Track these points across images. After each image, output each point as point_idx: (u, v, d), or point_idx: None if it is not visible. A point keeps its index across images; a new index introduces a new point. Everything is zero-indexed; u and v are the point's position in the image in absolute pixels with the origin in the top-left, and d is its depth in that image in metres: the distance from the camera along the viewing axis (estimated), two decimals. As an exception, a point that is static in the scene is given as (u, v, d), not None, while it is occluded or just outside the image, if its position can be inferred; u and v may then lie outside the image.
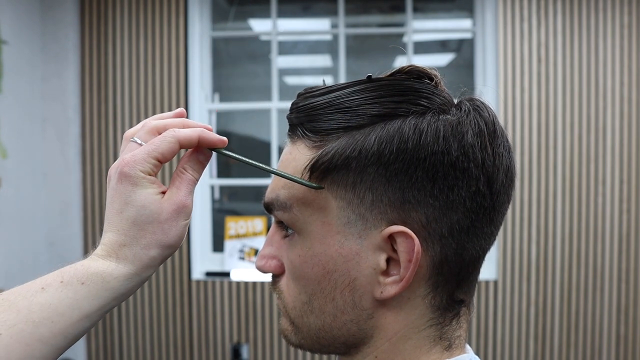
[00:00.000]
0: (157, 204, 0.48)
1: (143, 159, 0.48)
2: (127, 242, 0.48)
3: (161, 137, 0.49)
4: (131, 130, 0.52)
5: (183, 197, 0.50)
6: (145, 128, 0.51)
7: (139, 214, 0.48)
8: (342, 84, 0.50)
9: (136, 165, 0.48)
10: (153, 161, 0.48)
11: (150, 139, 0.50)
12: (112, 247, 0.48)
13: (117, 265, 0.48)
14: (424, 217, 0.46)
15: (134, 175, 0.48)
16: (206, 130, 0.51)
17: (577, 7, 2.47)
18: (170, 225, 0.49)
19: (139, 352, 2.60)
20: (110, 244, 0.48)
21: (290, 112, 0.52)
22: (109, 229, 0.49)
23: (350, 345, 0.50)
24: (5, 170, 2.26)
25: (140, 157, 0.48)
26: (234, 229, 2.69)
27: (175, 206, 0.49)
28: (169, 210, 0.49)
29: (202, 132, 0.51)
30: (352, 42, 2.81)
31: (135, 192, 0.48)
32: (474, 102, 0.50)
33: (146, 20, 2.58)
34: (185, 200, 0.50)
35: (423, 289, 0.48)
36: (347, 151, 0.46)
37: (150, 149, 0.48)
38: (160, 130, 0.51)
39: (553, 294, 2.49)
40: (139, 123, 0.53)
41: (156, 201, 0.48)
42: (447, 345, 0.50)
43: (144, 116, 2.58)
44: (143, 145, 0.49)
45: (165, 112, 0.55)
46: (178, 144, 0.49)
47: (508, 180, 0.49)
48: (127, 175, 0.48)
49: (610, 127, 2.46)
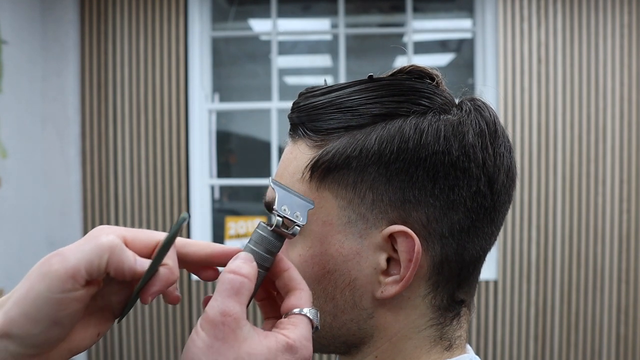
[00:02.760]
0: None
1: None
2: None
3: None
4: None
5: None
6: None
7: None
8: (343, 83, 0.50)
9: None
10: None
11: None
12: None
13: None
14: (424, 217, 0.46)
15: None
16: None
17: (577, 7, 2.47)
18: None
19: (139, 352, 2.60)
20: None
21: (291, 112, 0.52)
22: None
23: (351, 344, 0.50)
24: (5, 170, 2.26)
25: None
26: (234, 229, 2.68)
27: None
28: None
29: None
30: (352, 42, 2.81)
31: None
32: (475, 102, 0.50)
33: (146, 20, 2.58)
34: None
35: (423, 289, 0.48)
36: (347, 150, 0.46)
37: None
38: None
39: (553, 294, 2.49)
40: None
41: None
42: (448, 345, 0.50)
43: (144, 116, 2.58)
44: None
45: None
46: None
47: (509, 181, 0.49)
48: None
49: (610, 127, 2.46)
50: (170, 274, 0.41)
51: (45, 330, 0.38)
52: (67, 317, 0.38)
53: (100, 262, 0.38)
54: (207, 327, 0.39)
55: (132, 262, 0.39)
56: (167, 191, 2.58)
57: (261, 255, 0.43)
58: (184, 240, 0.44)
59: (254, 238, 0.44)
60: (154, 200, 2.59)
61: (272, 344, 0.40)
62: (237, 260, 0.42)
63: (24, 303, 0.37)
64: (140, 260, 0.40)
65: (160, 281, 0.41)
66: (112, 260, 0.38)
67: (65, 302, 0.37)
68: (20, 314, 0.37)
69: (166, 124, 2.57)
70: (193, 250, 0.44)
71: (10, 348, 0.38)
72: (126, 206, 2.59)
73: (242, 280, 0.40)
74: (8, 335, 0.38)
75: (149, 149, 2.58)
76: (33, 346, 0.38)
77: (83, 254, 0.38)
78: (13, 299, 0.38)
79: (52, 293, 0.37)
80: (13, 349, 0.38)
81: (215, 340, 0.39)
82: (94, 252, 0.38)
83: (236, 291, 0.40)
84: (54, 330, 0.38)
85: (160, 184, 2.59)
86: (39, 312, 0.37)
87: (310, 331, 0.43)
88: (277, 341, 0.40)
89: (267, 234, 0.44)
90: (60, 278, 0.37)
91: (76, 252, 0.38)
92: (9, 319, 0.38)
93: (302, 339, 0.41)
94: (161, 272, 0.41)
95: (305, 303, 0.43)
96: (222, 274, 0.41)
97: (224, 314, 0.39)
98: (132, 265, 0.39)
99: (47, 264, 0.38)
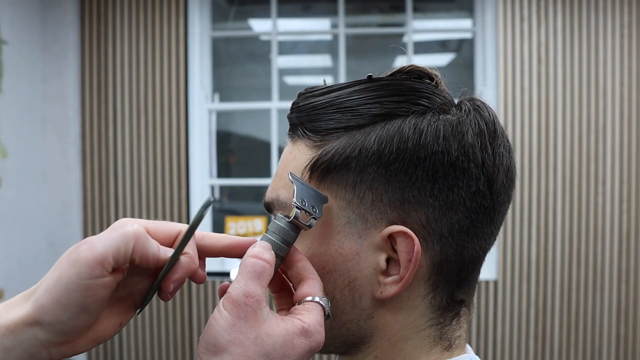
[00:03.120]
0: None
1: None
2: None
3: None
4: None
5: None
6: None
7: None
8: (343, 83, 0.50)
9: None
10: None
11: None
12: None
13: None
14: (424, 217, 0.46)
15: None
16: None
17: (577, 7, 2.47)
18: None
19: (139, 352, 2.60)
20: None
21: (290, 112, 0.52)
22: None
23: (350, 344, 0.50)
24: (5, 170, 2.26)
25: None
26: (234, 229, 2.69)
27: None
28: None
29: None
30: (352, 42, 2.81)
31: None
32: (474, 102, 0.50)
33: (146, 20, 2.58)
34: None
35: (423, 289, 0.48)
36: (347, 151, 0.46)
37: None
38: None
39: (553, 294, 2.49)
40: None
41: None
42: (447, 345, 0.50)
43: (144, 116, 2.58)
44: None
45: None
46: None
47: (508, 181, 0.49)
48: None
49: (610, 127, 2.46)
50: (191, 262, 0.44)
51: (74, 316, 0.39)
52: (95, 304, 0.40)
53: (126, 249, 0.40)
54: (230, 306, 0.41)
55: (155, 250, 0.42)
56: (167, 191, 2.58)
57: (278, 245, 0.45)
58: (202, 233, 0.46)
59: (272, 228, 0.46)
60: (154, 200, 2.59)
61: (289, 326, 0.42)
62: (257, 247, 0.44)
63: (54, 290, 0.39)
64: (163, 249, 0.43)
65: (182, 269, 0.43)
66: (137, 247, 0.40)
67: (94, 288, 0.39)
68: (51, 300, 0.39)
69: (166, 124, 2.57)
70: (211, 242, 0.46)
71: (40, 335, 0.39)
72: (126, 206, 2.59)
73: (264, 264, 0.43)
74: (38, 323, 0.39)
75: (149, 149, 2.58)
76: (62, 333, 0.40)
77: (110, 242, 0.40)
78: (43, 286, 0.40)
79: (82, 279, 0.39)
80: (42, 336, 0.39)
81: (237, 319, 0.40)
82: (121, 239, 0.40)
83: (258, 274, 0.42)
84: (82, 317, 0.40)
85: (160, 184, 2.59)
86: (69, 299, 0.39)
87: (323, 318, 0.44)
88: (293, 325, 0.42)
89: (284, 225, 0.46)
90: (89, 265, 0.39)
91: (104, 240, 0.40)
92: (39, 306, 0.39)
93: (316, 324, 0.43)
94: (182, 260, 0.43)
95: (318, 291, 0.45)
96: (244, 258, 0.43)
97: (246, 295, 0.41)
98: (156, 253, 0.42)
99: (76, 252, 0.39)
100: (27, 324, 0.39)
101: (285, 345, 0.41)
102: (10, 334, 0.39)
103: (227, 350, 0.40)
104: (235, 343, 0.40)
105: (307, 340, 0.42)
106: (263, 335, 0.41)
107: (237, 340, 0.40)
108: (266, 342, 0.41)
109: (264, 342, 0.41)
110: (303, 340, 0.42)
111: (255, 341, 0.40)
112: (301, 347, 0.42)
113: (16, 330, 0.39)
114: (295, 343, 0.41)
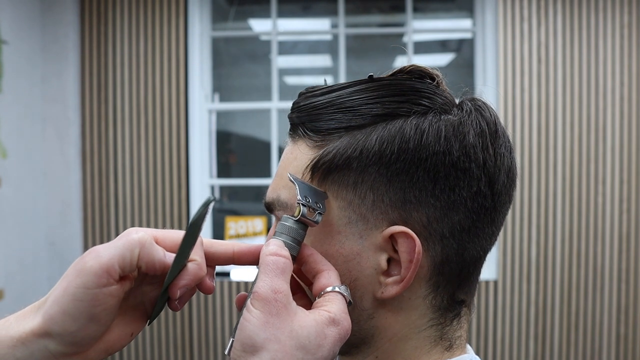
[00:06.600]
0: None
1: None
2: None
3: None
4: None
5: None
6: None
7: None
8: (344, 83, 0.50)
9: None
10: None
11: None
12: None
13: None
14: (425, 218, 0.46)
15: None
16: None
17: (577, 7, 2.47)
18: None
19: (139, 352, 2.60)
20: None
21: (291, 112, 0.51)
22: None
23: (351, 344, 0.50)
24: (5, 170, 2.26)
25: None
26: (234, 229, 2.68)
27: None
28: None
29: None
30: (352, 42, 2.81)
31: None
32: (475, 102, 0.49)
33: (146, 20, 2.58)
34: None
35: (424, 289, 0.48)
36: (348, 151, 0.46)
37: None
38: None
39: (553, 294, 2.49)
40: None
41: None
42: (448, 345, 0.50)
43: (144, 116, 2.58)
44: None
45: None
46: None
47: (509, 181, 0.49)
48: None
49: (610, 127, 2.46)
50: (199, 269, 0.43)
51: (83, 326, 0.39)
52: (103, 313, 0.39)
53: (132, 256, 0.40)
54: (260, 304, 0.41)
55: (161, 256, 0.42)
56: (167, 191, 2.58)
57: (290, 245, 0.46)
58: (210, 241, 0.47)
59: (279, 229, 0.46)
60: (154, 200, 2.59)
61: (317, 317, 0.42)
62: (271, 245, 0.44)
63: (62, 300, 0.39)
64: (170, 255, 0.42)
65: (189, 275, 0.43)
66: (142, 254, 0.41)
67: (101, 297, 0.39)
68: (59, 311, 0.39)
69: (166, 124, 2.57)
70: (220, 250, 0.47)
71: (51, 347, 0.39)
72: (126, 206, 2.59)
73: (285, 260, 0.43)
74: (48, 334, 0.39)
75: (149, 149, 2.58)
76: (72, 344, 0.39)
77: (116, 250, 0.40)
78: (51, 298, 0.40)
79: (89, 289, 0.38)
80: (53, 347, 0.39)
81: (270, 316, 0.41)
82: (126, 247, 0.40)
83: (282, 270, 0.43)
84: (91, 327, 0.39)
85: (160, 184, 2.59)
86: (77, 309, 0.39)
87: (346, 305, 0.45)
88: (320, 315, 0.43)
89: (292, 224, 0.46)
90: (96, 274, 0.39)
91: (109, 249, 0.40)
92: (48, 317, 0.39)
93: (341, 312, 0.44)
94: (189, 267, 0.43)
95: (335, 281, 0.46)
96: (263, 257, 0.43)
97: (275, 291, 0.41)
98: (162, 259, 0.42)
99: (82, 261, 0.39)
100: (37, 335, 0.39)
101: (318, 335, 0.41)
102: (22, 346, 0.39)
103: (265, 348, 0.40)
104: (272, 340, 0.40)
105: (336, 329, 0.42)
106: (297, 329, 0.41)
107: (273, 337, 0.40)
108: (301, 334, 0.41)
109: (299, 335, 0.41)
110: (333, 329, 0.42)
111: (291, 335, 0.41)
112: (332, 336, 0.42)
113: (27, 342, 0.39)
114: (326, 333, 0.42)
